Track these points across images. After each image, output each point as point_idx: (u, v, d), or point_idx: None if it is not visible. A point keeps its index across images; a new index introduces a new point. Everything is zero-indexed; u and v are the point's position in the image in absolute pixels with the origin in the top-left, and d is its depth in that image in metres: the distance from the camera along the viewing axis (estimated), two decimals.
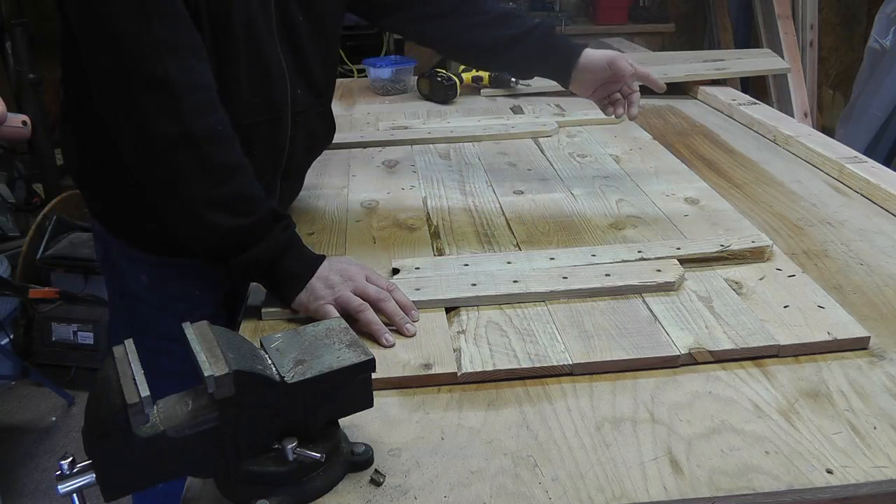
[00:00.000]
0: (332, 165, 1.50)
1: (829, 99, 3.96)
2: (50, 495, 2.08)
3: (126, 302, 1.14)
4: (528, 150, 1.58)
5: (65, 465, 0.59)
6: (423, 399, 0.80)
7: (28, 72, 3.07)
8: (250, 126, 1.02)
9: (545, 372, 0.84)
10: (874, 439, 0.72)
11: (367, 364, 0.67)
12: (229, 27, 0.96)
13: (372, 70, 2.10)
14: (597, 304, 0.96)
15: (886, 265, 1.07)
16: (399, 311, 0.92)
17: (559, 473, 0.69)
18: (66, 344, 2.53)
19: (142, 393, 0.57)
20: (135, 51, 0.86)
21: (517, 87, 2.01)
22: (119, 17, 0.85)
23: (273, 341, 0.68)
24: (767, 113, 1.75)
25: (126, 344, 0.63)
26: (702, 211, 1.24)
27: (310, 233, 1.20)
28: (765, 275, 1.02)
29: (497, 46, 1.27)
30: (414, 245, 1.15)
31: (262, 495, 0.63)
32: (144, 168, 0.92)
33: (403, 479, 0.68)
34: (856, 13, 3.93)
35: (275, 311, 0.96)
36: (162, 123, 0.88)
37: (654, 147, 1.57)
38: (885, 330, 0.91)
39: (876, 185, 1.29)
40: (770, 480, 0.67)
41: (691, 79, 2.00)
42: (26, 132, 1.19)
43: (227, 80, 0.97)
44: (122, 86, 0.88)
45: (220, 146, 0.91)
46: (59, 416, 2.41)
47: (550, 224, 1.21)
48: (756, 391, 0.80)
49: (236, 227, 0.91)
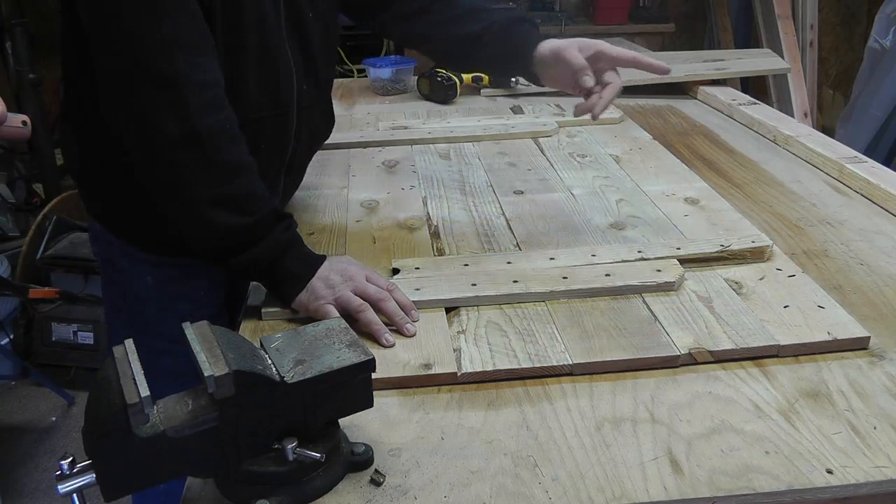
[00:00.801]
0: (332, 165, 1.50)
1: (829, 99, 3.96)
2: (50, 495, 2.08)
3: (127, 303, 1.14)
4: (528, 150, 1.58)
5: (65, 465, 0.58)
6: (423, 399, 0.80)
7: (28, 72, 3.08)
8: (258, 122, 1.03)
9: (545, 372, 0.84)
10: (874, 439, 0.72)
11: (367, 364, 0.67)
12: (241, 24, 0.97)
13: (372, 70, 2.10)
14: (597, 304, 0.96)
15: (886, 265, 1.07)
16: (399, 311, 0.92)
17: (559, 473, 0.69)
18: (66, 344, 2.53)
19: (142, 393, 0.57)
20: (144, 48, 0.86)
21: (517, 87, 2.01)
22: (130, 14, 0.86)
23: (273, 341, 0.68)
24: (767, 113, 1.75)
25: (126, 344, 0.63)
26: (702, 211, 1.24)
27: (310, 233, 1.20)
28: (765, 275, 1.02)
29: (465, 45, 1.18)
30: (414, 245, 1.15)
31: (262, 495, 0.63)
32: (148, 165, 0.92)
33: (403, 479, 0.68)
34: (856, 13, 3.93)
35: (275, 311, 0.96)
36: (168, 121, 0.88)
37: (654, 147, 1.57)
38: (885, 330, 0.91)
39: (876, 185, 1.29)
40: (770, 480, 0.67)
41: (691, 79, 2.00)
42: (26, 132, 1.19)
43: (236, 76, 0.97)
44: (131, 82, 0.88)
45: (225, 144, 0.91)
46: (59, 416, 2.41)
47: (550, 224, 1.21)
48: (756, 391, 0.80)
49: (238, 226, 0.91)
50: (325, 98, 1.20)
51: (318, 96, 1.15)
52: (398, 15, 1.24)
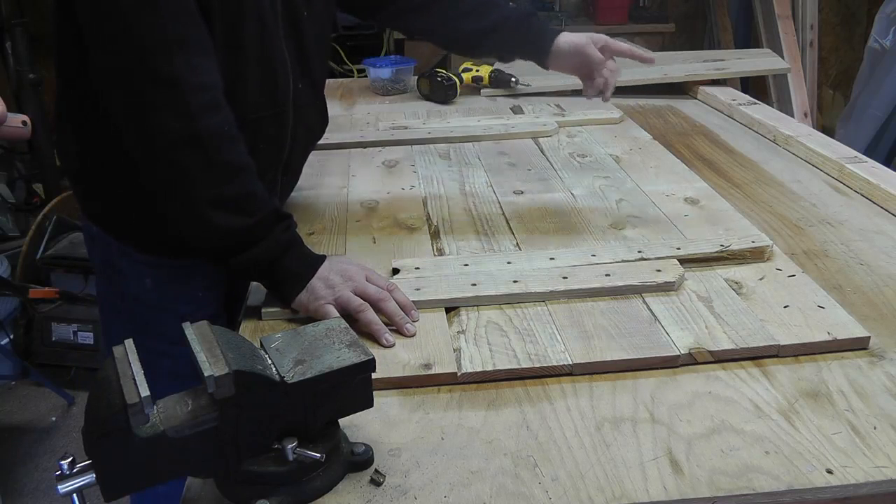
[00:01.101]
0: (332, 165, 1.50)
1: (829, 99, 3.96)
2: (50, 495, 2.08)
3: (125, 304, 1.13)
4: (528, 150, 1.58)
5: (65, 465, 0.59)
6: (423, 399, 0.80)
7: (28, 72, 3.07)
8: (256, 121, 1.03)
9: (545, 372, 0.84)
10: (874, 439, 0.72)
11: (367, 364, 0.67)
12: (240, 23, 0.97)
13: (372, 70, 2.10)
14: (597, 304, 0.96)
15: (886, 265, 1.07)
16: (399, 311, 0.92)
17: (559, 473, 0.69)
18: (66, 344, 2.53)
19: (142, 393, 0.57)
20: (144, 47, 0.86)
21: (517, 87, 2.01)
22: (129, 14, 0.85)
23: (273, 341, 0.68)
24: (767, 113, 1.75)
25: (126, 344, 0.63)
26: (702, 211, 1.24)
27: (310, 233, 1.20)
28: (765, 275, 1.02)
29: (474, 37, 1.31)
30: (414, 245, 1.15)
31: (262, 495, 0.63)
32: (148, 165, 0.92)
33: (403, 479, 0.68)
34: (856, 13, 3.93)
35: (275, 311, 0.96)
36: (168, 120, 0.88)
37: (654, 147, 1.57)
38: (885, 330, 0.91)
39: (876, 185, 1.29)
40: (770, 480, 0.67)
41: (691, 79, 2.00)
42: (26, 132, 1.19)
43: (234, 76, 0.97)
44: (130, 82, 0.88)
45: (225, 145, 0.91)
46: (59, 416, 2.41)
47: (550, 224, 1.21)
48: (756, 391, 0.80)
49: (238, 226, 0.91)
50: (319, 97, 1.21)
51: (313, 95, 1.16)
52: (403, 8, 1.30)
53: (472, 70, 2.04)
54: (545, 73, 1.41)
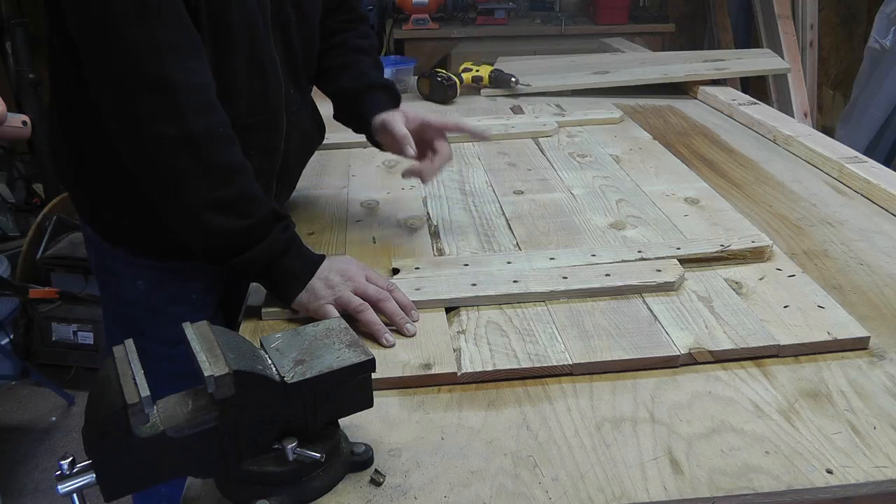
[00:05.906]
0: (332, 165, 1.50)
1: (829, 99, 3.96)
2: (50, 495, 2.08)
3: (121, 307, 1.13)
4: (528, 150, 1.58)
5: (65, 465, 0.59)
6: (423, 399, 0.80)
7: (28, 72, 3.08)
8: (248, 127, 1.02)
9: (545, 372, 0.84)
10: (874, 439, 0.72)
11: (367, 364, 0.67)
12: (228, 27, 0.96)
13: None
14: (597, 304, 0.96)
15: (886, 265, 1.07)
16: (399, 311, 0.92)
17: (559, 473, 0.69)
18: (66, 344, 2.53)
19: (142, 393, 0.57)
20: (135, 51, 0.86)
21: (517, 87, 2.01)
22: (120, 18, 0.85)
23: (273, 341, 0.68)
24: (767, 113, 1.75)
25: (126, 344, 0.63)
26: (702, 211, 1.24)
27: (310, 233, 1.20)
28: (765, 275, 1.02)
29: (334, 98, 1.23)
30: (414, 245, 1.15)
31: (262, 495, 0.64)
32: (144, 169, 0.92)
33: (403, 479, 0.68)
34: (856, 13, 3.93)
35: (275, 311, 0.96)
36: (162, 124, 0.87)
37: (654, 147, 1.57)
38: (885, 330, 0.91)
39: (876, 185, 1.29)
40: (770, 480, 0.67)
41: (691, 79, 2.00)
42: (26, 132, 1.19)
43: (225, 80, 0.97)
44: (123, 87, 0.88)
45: (220, 147, 0.91)
46: (59, 416, 2.41)
47: (550, 224, 1.21)
48: (756, 391, 0.80)
49: (237, 228, 0.91)
50: (308, 101, 1.21)
51: (302, 101, 1.16)
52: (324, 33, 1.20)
53: (472, 70, 2.04)
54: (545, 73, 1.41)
